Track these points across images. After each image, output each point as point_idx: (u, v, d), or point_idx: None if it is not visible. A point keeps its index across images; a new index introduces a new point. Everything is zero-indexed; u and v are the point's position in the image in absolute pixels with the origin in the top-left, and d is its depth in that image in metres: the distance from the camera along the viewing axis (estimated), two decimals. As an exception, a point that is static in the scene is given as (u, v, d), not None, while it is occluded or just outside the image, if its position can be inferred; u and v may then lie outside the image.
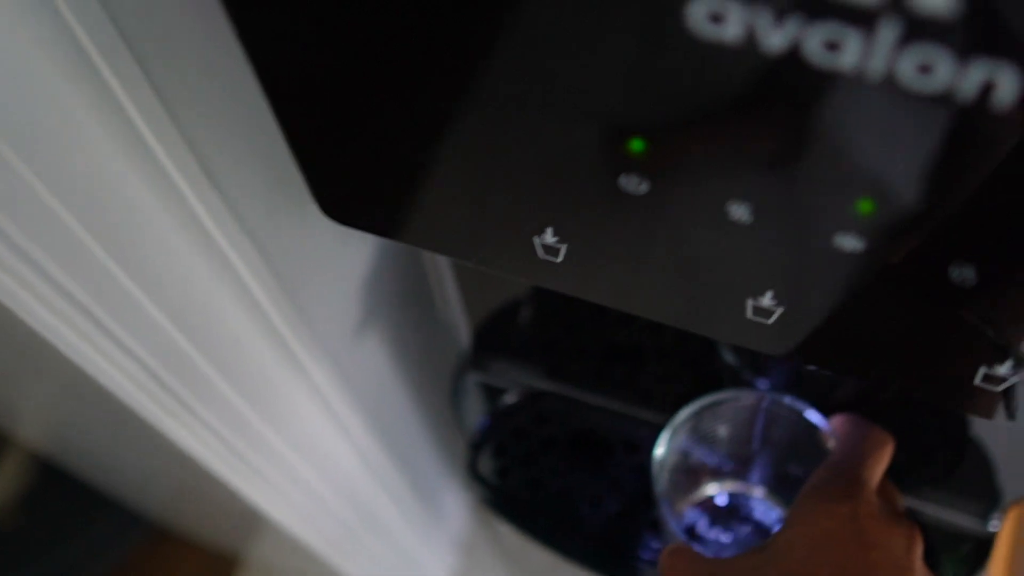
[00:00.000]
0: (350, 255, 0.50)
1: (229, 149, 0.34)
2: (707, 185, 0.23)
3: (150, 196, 0.32)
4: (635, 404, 0.50)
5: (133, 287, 0.34)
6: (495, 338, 0.51)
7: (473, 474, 0.52)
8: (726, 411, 0.42)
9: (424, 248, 0.30)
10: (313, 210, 0.32)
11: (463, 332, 0.52)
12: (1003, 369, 0.25)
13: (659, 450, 0.41)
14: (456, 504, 0.94)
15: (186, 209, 0.34)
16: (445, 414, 0.69)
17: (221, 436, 0.47)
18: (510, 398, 0.52)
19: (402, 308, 0.57)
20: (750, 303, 0.26)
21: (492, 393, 0.52)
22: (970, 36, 0.17)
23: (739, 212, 0.23)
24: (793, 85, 0.19)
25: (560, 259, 0.28)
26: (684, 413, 0.42)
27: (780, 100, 0.20)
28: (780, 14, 0.17)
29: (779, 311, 0.26)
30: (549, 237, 0.27)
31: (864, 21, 0.17)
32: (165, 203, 0.33)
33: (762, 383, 0.43)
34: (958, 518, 0.46)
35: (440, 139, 0.25)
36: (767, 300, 0.26)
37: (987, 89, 0.17)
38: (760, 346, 0.28)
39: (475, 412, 0.54)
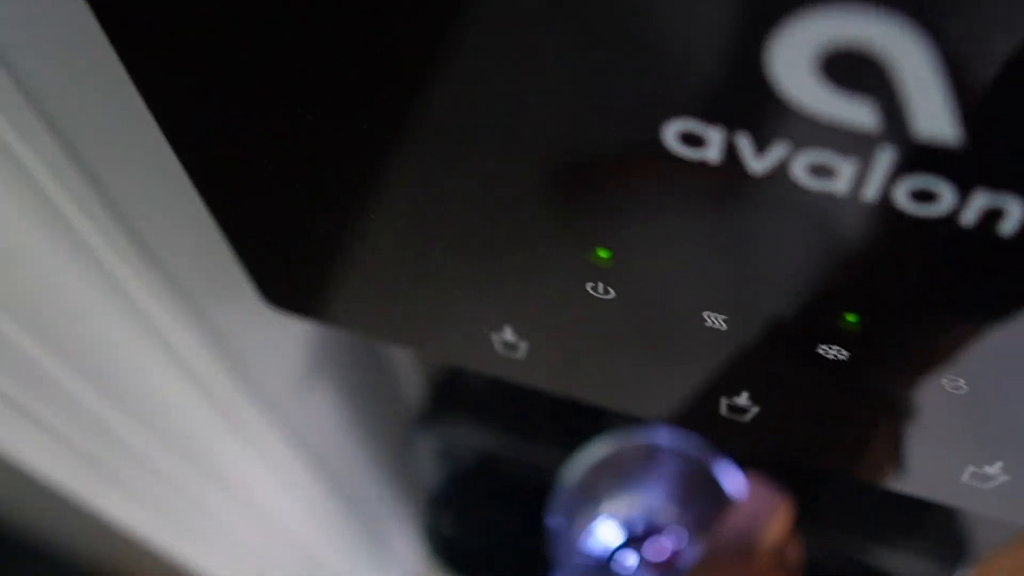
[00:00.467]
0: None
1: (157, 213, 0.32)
2: (673, 293, 0.21)
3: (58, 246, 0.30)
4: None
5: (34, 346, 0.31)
6: (449, 393, 0.49)
7: (429, 530, 0.50)
8: (629, 455, 0.42)
9: (373, 339, 0.28)
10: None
11: (414, 385, 0.50)
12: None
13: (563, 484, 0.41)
14: (408, 551, 0.91)
15: (92, 256, 0.31)
16: (399, 463, 0.66)
17: (150, 500, 0.44)
18: (466, 457, 0.50)
19: (352, 357, 0.54)
20: (724, 401, 0.25)
21: (448, 448, 0.50)
22: (970, 167, 0.15)
23: (713, 320, 0.21)
24: (776, 202, 0.17)
25: (521, 356, 0.26)
26: (589, 454, 0.42)
27: (761, 214, 0.18)
28: (764, 141, 0.16)
29: (755, 410, 0.25)
30: (508, 335, 0.25)
31: (858, 146, 0.15)
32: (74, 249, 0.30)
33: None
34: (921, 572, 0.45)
35: (389, 231, 0.23)
36: (743, 400, 0.24)
37: (990, 216, 0.16)
38: (733, 441, 0.26)
39: (430, 466, 0.51)
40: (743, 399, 0.24)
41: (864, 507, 0.47)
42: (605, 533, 0.43)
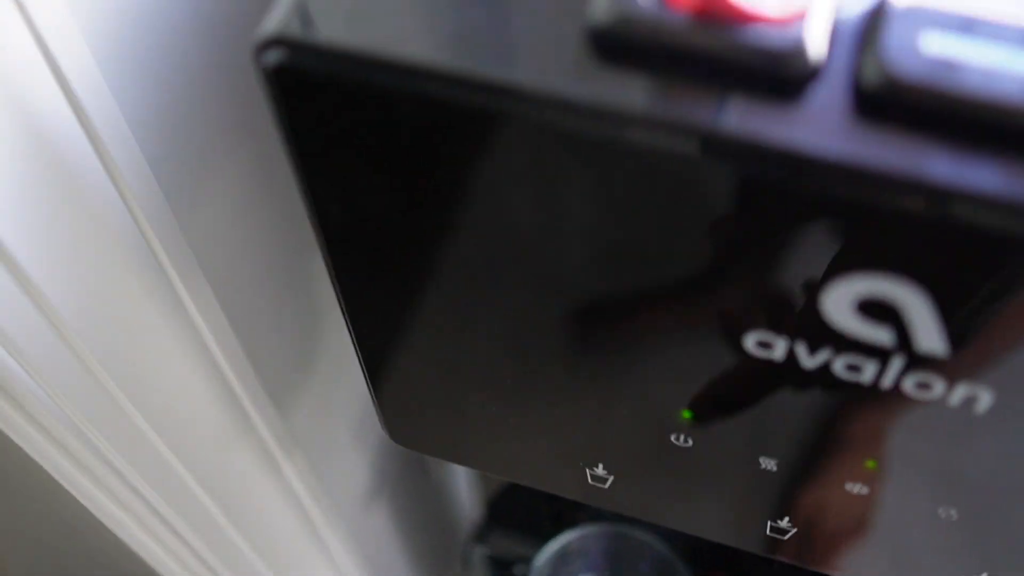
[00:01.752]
0: (367, 429, 0.54)
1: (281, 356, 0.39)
2: (740, 444, 0.28)
3: (195, 377, 0.36)
4: None
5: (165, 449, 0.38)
6: (503, 512, 0.55)
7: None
8: (595, 545, 0.49)
9: (483, 471, 0.35)
10: (337, 393, 0.36)
11: (470, 504, 0.56)
12: None
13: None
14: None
15: (229, 392, 0.38)
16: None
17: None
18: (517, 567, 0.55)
19: (410, 479, 0.60)
20: (770, 524, 0.31)
21: (501, 565, 0.56)
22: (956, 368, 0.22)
23: (767, 464, 0.28)
24: (817, 388, 0.24)
25: (607, 486, 0.32)
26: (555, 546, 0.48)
27: (808, 396, 0.25)
28: (815, 347, 0.23)
29: (792, 532, 0.31)
30: (600, 470, 0.32)
31: (879, 355, 0.23)
32: (215, 390, 0.37)
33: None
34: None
35: (509, 388, 0.30)
36: (785, 522, 0.31)
37: (970, 402, 0.23)
38: (780, 555, 0.33)
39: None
40: (784, 522, 0.31)
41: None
42: None
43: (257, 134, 0.34)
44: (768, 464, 0.28)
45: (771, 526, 0.32)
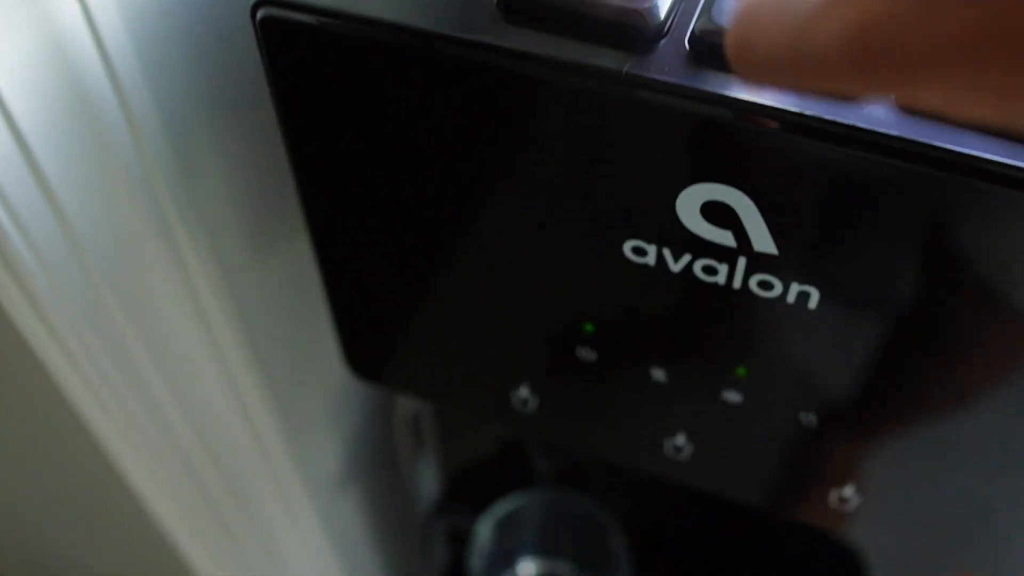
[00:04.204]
0: (346, 417, 0.59)
1: (273, 313, 0.44)
2: (634, 355, 0.33)
3: (202, 345, 0.42)
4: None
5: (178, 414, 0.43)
6: (462, 490, 0.60)
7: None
8: (530, 511, 0.54)
9: (423, 399, 0.40)
10: (327, 374, 0.41)
11: (431, 487, 0.61)
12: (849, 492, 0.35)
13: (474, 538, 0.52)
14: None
15: (223, 361, 0.43)
16: (414, 555, 0.75)
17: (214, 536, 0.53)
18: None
19: (376, 468, 0.65)
20: (668, 443, 0.37)
21: (458, 540, 0.60)
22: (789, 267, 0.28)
23: (657, 374, 0.34)
24: (686, 291, 0.30)
25: (533, 411, 0.38)
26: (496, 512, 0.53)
27: (681, 300, 0.31)
28: (678, 252, 0.29)
29: (690, 449, 0.36)
30: (524, 391, 0.37)
31: (728, 257, 0.28)
32: (215, 358, 0.42)
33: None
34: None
35: (447, 309, 0.36)
36: (680, 440, 0.36)
37: (803, 298, 0.29)
38: (681, 478, 0.38)
39: (442, 552, 0.61)
40: (681, 439, 0.36)
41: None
42: None
43: (258, 95, 0.40)
44: (658, 375, 0.34)
45: (669, 445, 0.37)
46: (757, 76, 0.17)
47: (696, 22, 0.26)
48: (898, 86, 0.15)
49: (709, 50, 0.25)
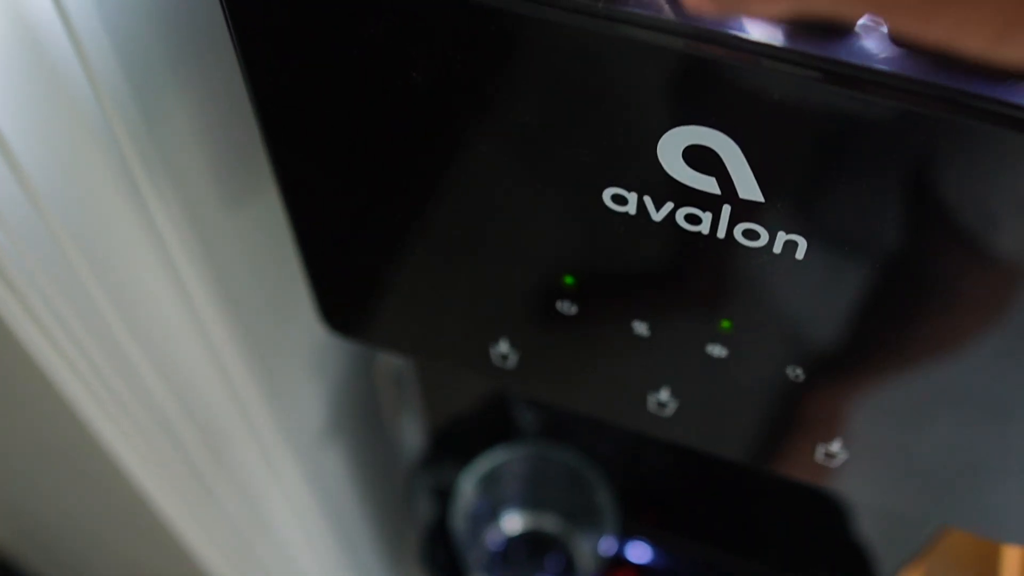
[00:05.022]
0: (327, 373, 0.58)
1: (248, 268, 0.43)
2: (615, 308, 0.32)
3: (174, 302, 0.41)
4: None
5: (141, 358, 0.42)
6: (446, 444, 0.59)
7: (425, 562, 0.58)
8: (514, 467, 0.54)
9: (402, 354, 0.39)
10: (306, 331, 0.40)
11: (415, 440, 0.60)
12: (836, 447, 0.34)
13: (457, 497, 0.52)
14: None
15: (197, 318, 0.42)
16: (399, 510, 0.75)
17: (196, 504, 0.53)
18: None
19: (359, 422, 0.64)
20: (652, 398, 0.36)
21: (443, 494, 0.60)
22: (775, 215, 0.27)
23: (639, 328, 0.32)
24: (669, 241, 0.29)
25: (512, 366, 0.37)
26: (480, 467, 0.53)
27: (663, 251, 0.29)
28: (659, 200, 0.27)
29: (674, 404, 0.35)
30: (504, 347, 0.36)
31: (712, 205, 0.27)
32: (182, 305, 0.41)
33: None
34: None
35: (422, 260, 0.35)
36: (664, 395, 0.35)
37: (790, 247, 0.27)
38: (664, 434, 0.37)
39: (427, 503, 0.61)
40: (665, 394, 0.35)
41: (776, 536, 0.56)
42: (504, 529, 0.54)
43: (223, 41, 0.38)
44: (640, 328, 0.33)
45: (652, 400, 0.36)
46: None
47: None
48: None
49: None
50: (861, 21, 0.22)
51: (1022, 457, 0.33)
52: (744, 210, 0.27)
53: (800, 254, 0.28)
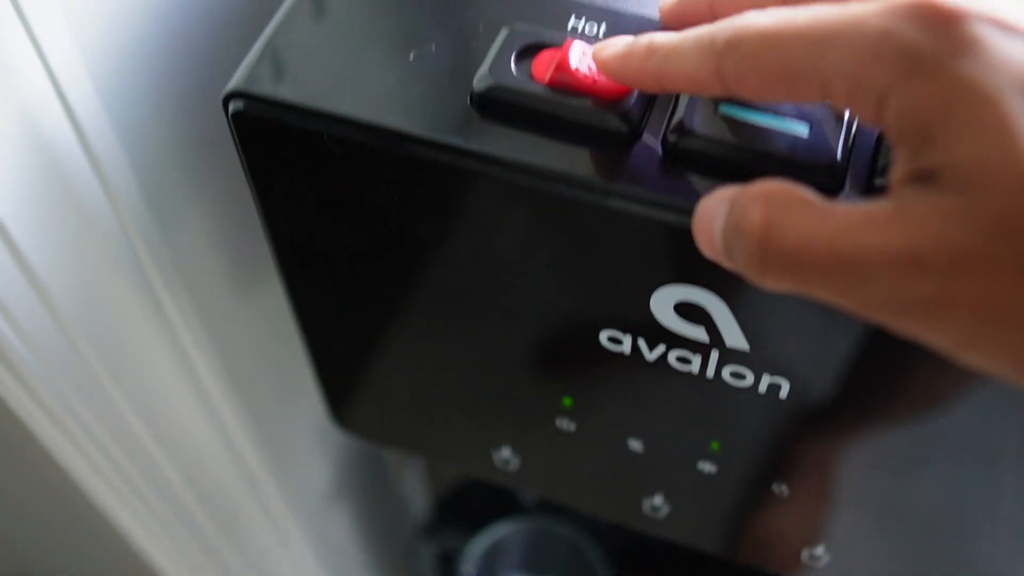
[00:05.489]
0: (333, 442, 0.60)
1: (255, 354, 0.45)
2: (613, 427, 0.34)
3: (185, 389, 0.42)
4: None
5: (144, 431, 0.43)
6: (450, 511, 0.61)
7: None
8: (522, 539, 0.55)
9: (407, 453, 0.41)
10: (313, 408, 0.42)
11: (420, 504, 0.62)
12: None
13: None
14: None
15: (208, 403, 0.44)
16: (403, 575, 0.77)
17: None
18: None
19: (368, 481, 0.66)
20: (646, 502, 0.37)
21: (447, 559, 0.62)
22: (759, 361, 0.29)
23: (634, 444, 0.34)
24: (662, 376, 0.31)
25: (515, 469, 0.38)
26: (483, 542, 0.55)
27: (656, 384, 0.31)
28: (652, 343, 0.29)
29: (667, 508, 0.37)
30: (505, 452, 0.38)
31: (701, 349, 0.29)
32: (193, 392, 0.43)
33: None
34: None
35: (431, 374, 0.36)
36: (658, 500, 0.37)
37: (774, 388, 0.29)
38: (658, 532, 0.39)
39: (431, 571, 0.62)
40: (658, 499, 0.37)
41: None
42: None
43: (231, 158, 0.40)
44: (635, 445, 0.34)
45: (647, 504, 0.38)
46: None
47: (669, 125, 0.26)
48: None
49: (681, 153, 0.25)
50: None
51: (991, 555, 0.34)
52: (731, 356, 0.29)
53: (783, 394, 0.29)
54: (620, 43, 0.24)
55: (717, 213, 0.21)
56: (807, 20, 0.18)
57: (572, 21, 0.29)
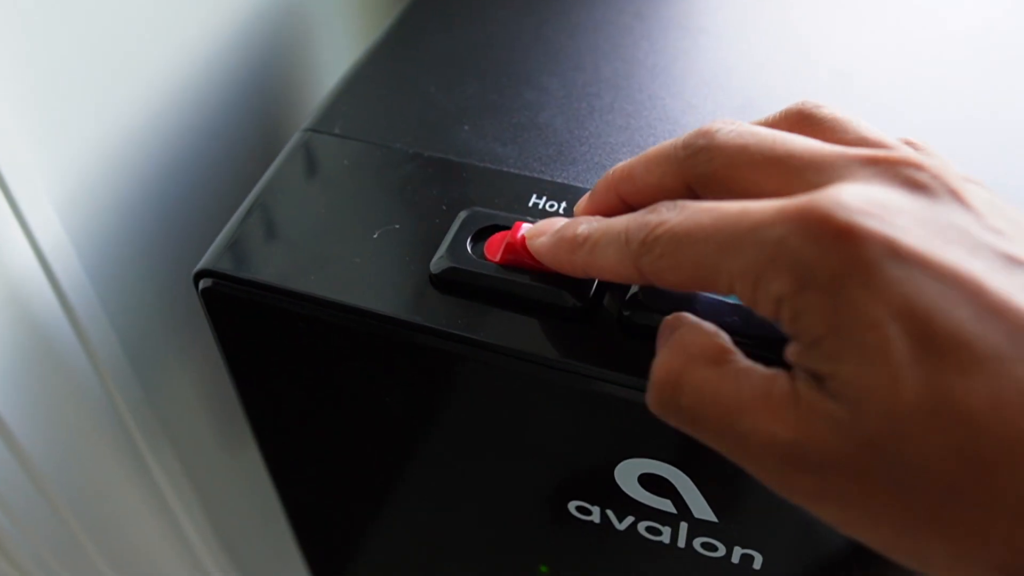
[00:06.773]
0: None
1: (241, 509, 0.44)
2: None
3: (165, 540, 0.42)
4: None
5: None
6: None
7: None
8: None
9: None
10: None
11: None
12: None
13: None
14: None
15: (194, 558, 0.43)
16: None
17: None
18: None
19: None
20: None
21: None
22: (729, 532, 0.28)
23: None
24: (633, 545, 0.30)
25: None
26: None
27: (629, 551, 0.31)
28: (621, 514, 0.29)
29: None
30: (487, 616, 0.37)
31: (670, 521, 0.28)
32: (181, 548, 0.42)
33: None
34: None
35: (407, 553, 0.36)
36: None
37: (747, 559, 0.29)
38: None
39: None
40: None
41: None
42: None
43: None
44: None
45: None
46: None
47: (624, 298, 0.26)
48: None
49: (637, 328, 0.26)
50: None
51: None
52: (700, 527, 0.28)
53: (757, 565, 0.29)
54: (550, 229, 0.25)
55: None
56: (711, 221, 0.19)
57: (533, 199, 0.30)
